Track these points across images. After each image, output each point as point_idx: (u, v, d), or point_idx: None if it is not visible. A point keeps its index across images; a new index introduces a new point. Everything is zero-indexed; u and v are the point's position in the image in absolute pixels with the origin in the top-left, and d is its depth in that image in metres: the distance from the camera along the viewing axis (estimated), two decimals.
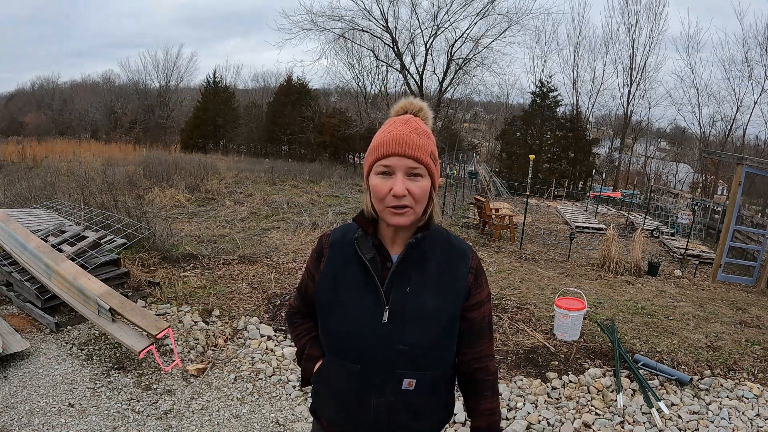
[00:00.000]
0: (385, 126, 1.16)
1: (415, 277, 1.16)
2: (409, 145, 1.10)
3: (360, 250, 1.17)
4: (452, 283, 1.19)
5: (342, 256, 1.21)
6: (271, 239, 7.40)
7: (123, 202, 7.05)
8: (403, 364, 1.15)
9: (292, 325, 1.41)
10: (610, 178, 25.95)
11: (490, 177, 20.50)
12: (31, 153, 17.32)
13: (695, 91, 23.13)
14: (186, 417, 3.01)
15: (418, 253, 1.17)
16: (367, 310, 1.15)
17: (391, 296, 1.14)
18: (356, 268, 1.18)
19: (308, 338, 1.33)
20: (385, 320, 1.13)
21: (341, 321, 1.17)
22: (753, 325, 5.19)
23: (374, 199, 1.13)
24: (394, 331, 1.13)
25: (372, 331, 1.14)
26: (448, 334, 1.20)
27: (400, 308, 1.14)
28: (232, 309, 4.58)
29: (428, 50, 20.94)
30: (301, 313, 1.40)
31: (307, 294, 1.32)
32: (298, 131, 29.09)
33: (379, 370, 1.15)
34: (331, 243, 1.25)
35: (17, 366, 3.39)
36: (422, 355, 1.16)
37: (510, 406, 3.32)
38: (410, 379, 1.15)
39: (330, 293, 1.20)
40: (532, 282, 6.23)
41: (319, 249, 1.27)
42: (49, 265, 4.13)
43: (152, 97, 36.20)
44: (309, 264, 1.30)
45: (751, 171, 7.83)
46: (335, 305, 1.18)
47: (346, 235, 1.24)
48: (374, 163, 1.13)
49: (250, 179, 14.88)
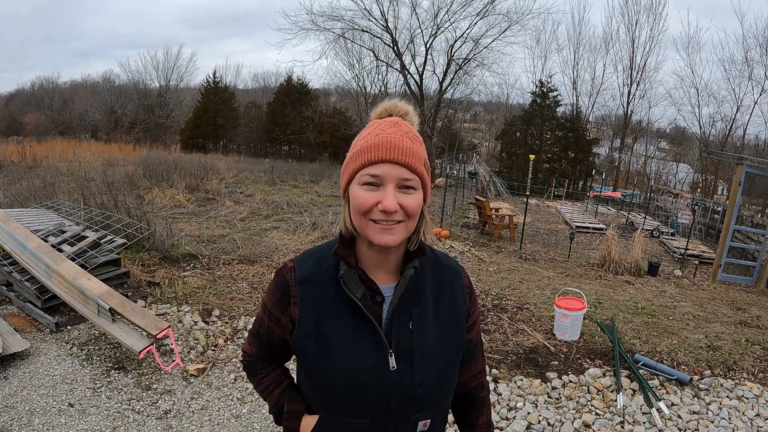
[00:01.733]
0: (369, 128, 0.97)
1: (414, 311, 1.01)
2: (403, 150, 0.91)
3: (348, 290, 0.97)
4: (452, 309, 1.06)
5: (320, 295, 1.00)
6: (271, 239, 7.40)
7: (123, 202, 7.05)
8: (416, 408, 1.01)
9: (256, 377, 1.18)
10: (610, 178, 25.95)
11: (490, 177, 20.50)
12: (31, 153, 17.33)
13: (695, 91, 23.18)
14: (186, 417, 3.01)
15: (414, 282, 1.02)
16: (368, 357, 0.97)
17: (392, 337, 0.98)
18: (343, 309, 0.98)
19: (281, 390, 1.13)
20: (394, 367, 0.97)
21: (338, 375, 0.97)
22: (753, 325, 5.19)
23: (354, 213, 0.94)
24: (404, 377, 0.98)
25: (379, 381, 0.97)
26: (456, 364, 1.08)
27: (407, 349, 0.99)
28: (232, 309, 4.58)
29: (428, 50, 20.94)
30: (263, 360, 1.16)
31: (271, 339, 1.10)
32: (298, 131, 29.11)
33: (390, 421, 1.00)
34: (301, 279, 1.01)
35: (17, 366, 3.39)
36: (435, 393, 1.03)
37: (510, 406, 3.32)
38: (425, 420, 1.03)
39: (315, 343, 0.99)
40: (532, 282, 6.23)
41: (284, 288, 1.02)
42: (49, 265, 4.13)
43: (152, 97, 36.20)
44: (269, 305, 1.06)
45: (751, 171, 7.83)
46: (325, 357, 0.98)
47: (318, 266, 1.02)
48: (357, 171, 0.93)
49: (250, 179, 14.89)
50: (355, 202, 0.92)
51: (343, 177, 0.97)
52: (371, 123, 1.00)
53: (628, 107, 25.42)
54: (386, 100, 1.04)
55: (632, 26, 24.48)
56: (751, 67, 20.96)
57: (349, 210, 0.96)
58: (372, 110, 1.04)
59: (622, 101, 25.60)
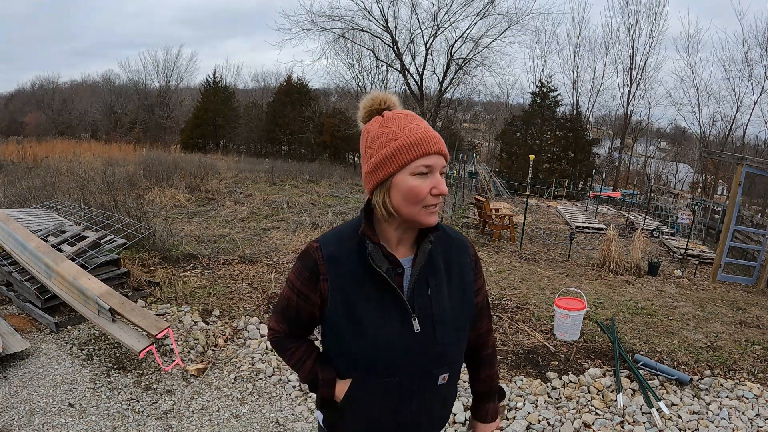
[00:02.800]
0: (400, 122, 1.08)
1: (431, 280, 1.15)
2: (442, 143, 1.09)
3: (375, 264, 1.09)
4: (462, 276, 1.22)
5: (348, 272, 1.12)
6: (271, 239, 7.39)
7: (123, 202, 7.05)
8: (437, 364, 1.17)
9: (286, 351, 1.27)
10: (610, 178, 25.96)
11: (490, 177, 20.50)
12: (31, 153, 17.32)
13: (695, 91, 23.23)
14: (186, 417, 3.01)
15: (429, 254, 1.16)
16: (395, 323, 1.11)
17: (415, 304, 1.13)
18: (369, 282, 1.11)
19: (312, 361, 1.25)
20: (418, 329, 1.12)
21: (370, 341, 1.12)
22: (753, 325, 5.19)
23: (408, 202, 1.06)
24: (427, 338, 1.13)
25: (405, 343, 1.12)
26: (467, 324, 1.25)
27: (427, 313, 1.13)
28: (232, 309, 4.58)
29: (428, 50, 20.96)
30: (291, 336, 1.27)
31: (300, 316, 1.21)
32: (298, 131, 29.10)
33: (416, 377, 1.16)
34: (328, 258, 1.13)
35: (17, 366, 3.39)
36: (452, 351, 1.20)
37: (510, 406, 3.32)
38: (444, 374, 1.19)
39: (346, 315, 1.12)
40: (532, 282, 6.23)
41: (312, 267, 1.14)
42: (49, 265, 4.13)
43: (152, 97, 36.21)
44: (297, 284, 1.17)
45: (751, 171, 7.83)
46: (357, 326, 1.12)
47: (342, 246, 1.14)
48: (409, 162, 1.05)
49: (250, 179, 14.89)
50: (413, 191, 1.05)
51: (385, 168, 1.07)
52: (393, 116, 1.10)
53: (628, 107, 25.46)
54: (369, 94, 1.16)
55: (632, 26, 24.53)
56: (751, 67, 21.00)
57: (388, 197, 1.08)
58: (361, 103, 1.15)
59: (622, 101, 25.66)
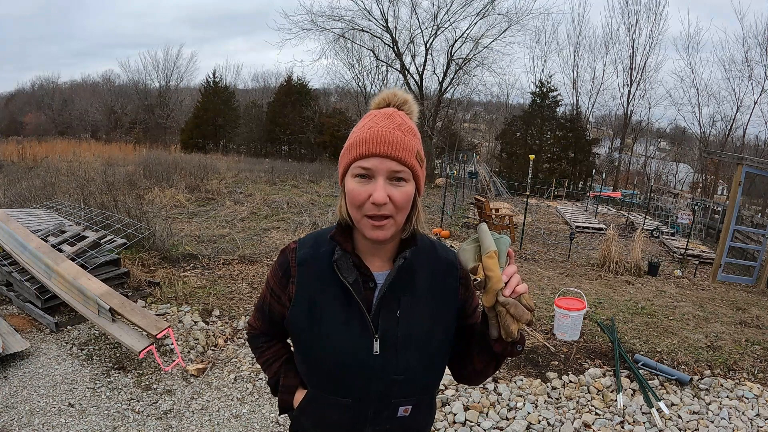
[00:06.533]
0: (365, 120, 1.00)
1: (404, 299, 1.03)
2: (393, 144, 0.93)
3: (341, 274, 1.00)
4: (444, 300, 1.08)
5: (316, 278, 1.04)
6: (271, 239, 7.40)
7: (123, 202, 7.05)
8: (397, 393, 1.05)
9: (258, 350, 1.23)
10: (610, 178, 25.95)
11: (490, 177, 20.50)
12: (31, 153, 17.32)
13: (695, 91, 23.23)
14: (186, 417, 3.01)
15: (406, 271, 1.03)
16: (354, 340, 1.01)
17: (379, 323, 1.01)
18: (336, 292, 1.02)
19: (279, 364, 1.19)
20: (377, 351, 1.01)
21: (325, 354, 1.03)
22: (753, 325, 5.19)
23: (350, 206, 0.98)
24: (387, 362, 1.02)
25: (362, 364, 1.01)
26: (443, 354, 1.10)
27: (392, 336, 1.01)
28: (232, 309, 4.58)
29: (428, 50, 20.96)
30: (265, 334, 1.22)
31: (272, 315, 1.15)
32: (298, 131, 29.10)
33: (372, 402, 1.05)
34: (300, 261, 1.06)
35: (17, 366, 3.39)
36: (417, 381, 1.07)
37: (510, 406, 3.32)
38: (406, 405, 1.07)
39: (307, 322, 1.04)
40: (532, 282, 6.23)
41: (285, 267, 1.08)
42: (49, 265, 4.13)
43: (152, 97, 36.19)
44: (272, 281, 1.12)
45: (751, 171, 7.83)
46: (316, 336, 1.03)
47: (317, 250, 1.06)
48: (350, 163, 0.96)
49: (250, 179, 14.88)
50: (350, 195, 0.96)
51: (340, 168, 1.01)
52: (367, 114, 1.02)
53: (628, 107, 25.46)
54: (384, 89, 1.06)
55: (632, 26, 24.53)
56: (751, 67, 21.01)
57: (345, 200, 1.00)
58: (371, 100, 1.05)
59: (622, 101, 25.65)
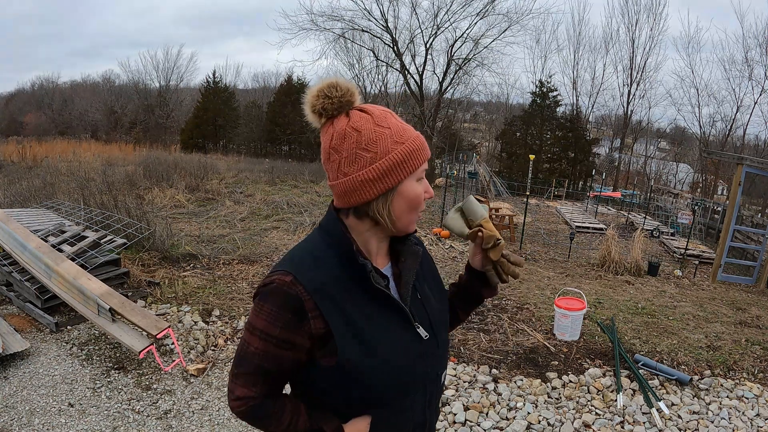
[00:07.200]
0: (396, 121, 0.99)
1: (416, 283, 1.11)
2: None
3: (376, 282, 0.98)
4: (432, 271, 1.20)
5: (338, 298, 0.96)
6: (271, 239, 7.40)
7: (123, 202, 7.05)
8: (441, 365, 1.15)
9: (271, 418, 1.02)
10: (610, 178, 25.94)
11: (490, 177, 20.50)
12: (31, 153, 17.32)
13: (695, 91, 23.17)
14: (186, 417, 3.01)
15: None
16: (402, 335, 1.02)
17: (413, 312, 1.05)
18: (364, 302, 0.99)
19: (306, 417, 1.02)
20: (426, 335, 1.05)
21: (384, 364, 0.98)
22: (753, 325, 5.19)
23: (411, 209, 0.99)
24: (432, 342, 1.08)
25: (419, 352, 1.05)
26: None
27: (425, 318, 1.08)
28: (232, 309, 4.58)
29: (428, 50, 20.90)
30: (269, 395, 1.03)
31: (281, 369, 0.99)
32: (298, 131, 29.05)
33: (430, 386, 1.10)
34: (314, 289, 0.94)
35: (17, 366, 3.39)
36: (448, 348, 1.19)
37: (510, 406, 3.32)
38: (444, 372, 1.17)
39: (358, 346, 0.96)
40: (532, 282, 6.23)
41: (293, 306, 0.93)
42: (49, 265, 4.13)
43: (152, 97, 36.18)
44: (275, 332, 0.94)
45: (751, 171, 7.83)
46: (370, 354, 0.97)
47: (320, 270, 0.97)
48: (417, 167, 0.98)
49: (250, 179, 14.88)
50: (416, 198, 0.99)
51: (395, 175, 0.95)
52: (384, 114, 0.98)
53: (628, 107, 25.42)
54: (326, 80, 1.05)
55: (632, 26, 24.48)
56: (751, 67, 20.98)
57: (391, 206, 0.97)
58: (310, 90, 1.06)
59: (622, 101, 25.61)
